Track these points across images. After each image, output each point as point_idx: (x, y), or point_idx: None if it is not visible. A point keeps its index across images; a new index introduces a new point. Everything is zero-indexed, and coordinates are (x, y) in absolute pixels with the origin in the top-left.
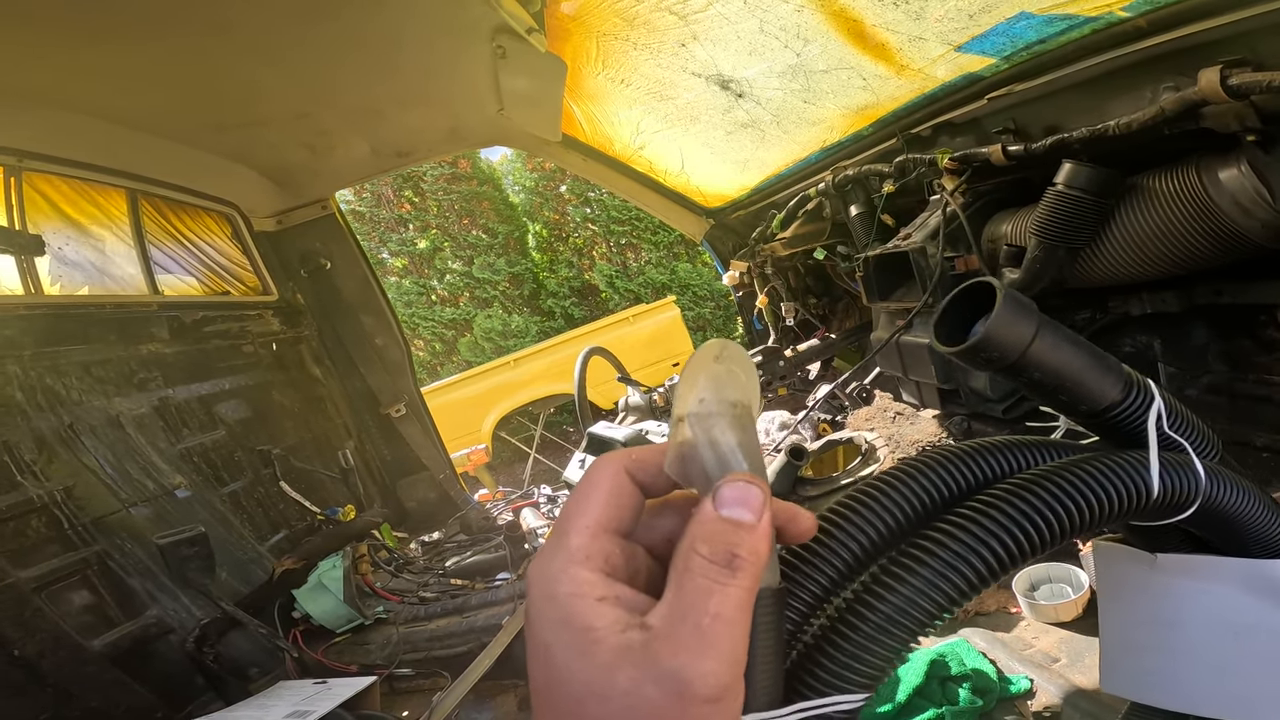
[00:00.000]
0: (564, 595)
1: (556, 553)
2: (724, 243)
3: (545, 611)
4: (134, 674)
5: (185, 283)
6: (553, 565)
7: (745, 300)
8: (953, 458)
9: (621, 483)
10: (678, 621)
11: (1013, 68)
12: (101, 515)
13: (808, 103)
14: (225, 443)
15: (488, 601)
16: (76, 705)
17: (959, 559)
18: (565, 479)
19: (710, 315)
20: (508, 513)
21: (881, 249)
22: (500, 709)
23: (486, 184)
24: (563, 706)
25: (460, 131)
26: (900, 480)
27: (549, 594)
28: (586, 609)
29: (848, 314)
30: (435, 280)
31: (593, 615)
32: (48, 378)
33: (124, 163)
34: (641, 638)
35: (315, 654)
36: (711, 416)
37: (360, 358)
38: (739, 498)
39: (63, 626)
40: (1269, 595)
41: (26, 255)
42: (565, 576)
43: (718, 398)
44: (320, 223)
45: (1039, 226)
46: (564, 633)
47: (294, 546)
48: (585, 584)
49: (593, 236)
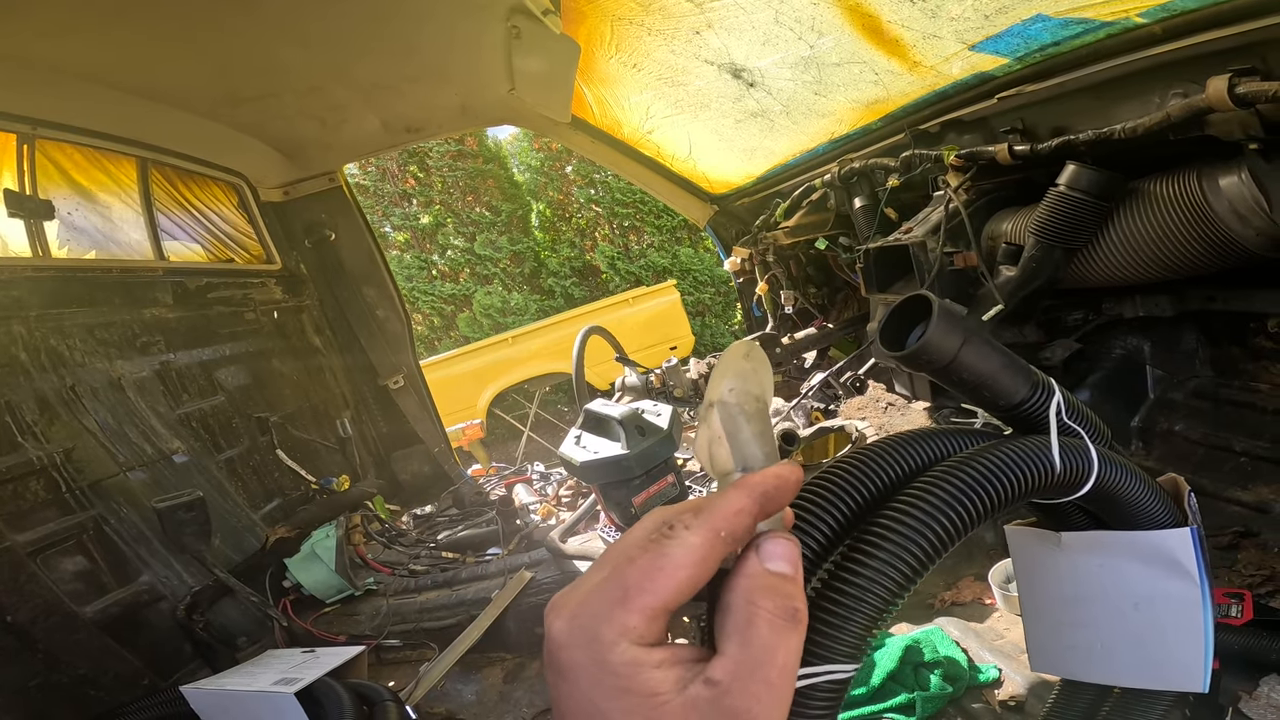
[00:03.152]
0: (621, 664)
1: (611, 622)
2: (727, 229)
3: (599, 679)
4: (123, 641)
5: (191, 250)
6: (606, 632)
7: (745, 287)
8: (897, 445)
9: (708, 567)
10: (747, 677)
11: (1025, 69)
12: (99, 479)
13: (818, 95)
14: (224, 409)
15: (477, 575)
16: (65, 672)
17: (914, 533)
18: (560, 454)
19: (710, 301)
20: (501, 488)
21: (882, 241)
22: (486, 681)
23: (492, 162)
24: None
25: (471, 109)
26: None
27: (600, 660)
28: (648, 677)
29: (846, 305)
30: (436, 255)
31: (655, 682)
32: (52, 338)
33: (136, 132)
34: (709, 694)
35: (304, 623)
36: (737, 405)
37: (361, 329)
38: (781, 553)
39: (56, 592)
40: (1159, 564)
41: (36, 219)
42: (620, 649)
43: (744, 389)
44: (327, 195)
45: (1038, 226)
46: (625, 700)
47: (287, 515)
48: (644, 654)
49: (596, 218)
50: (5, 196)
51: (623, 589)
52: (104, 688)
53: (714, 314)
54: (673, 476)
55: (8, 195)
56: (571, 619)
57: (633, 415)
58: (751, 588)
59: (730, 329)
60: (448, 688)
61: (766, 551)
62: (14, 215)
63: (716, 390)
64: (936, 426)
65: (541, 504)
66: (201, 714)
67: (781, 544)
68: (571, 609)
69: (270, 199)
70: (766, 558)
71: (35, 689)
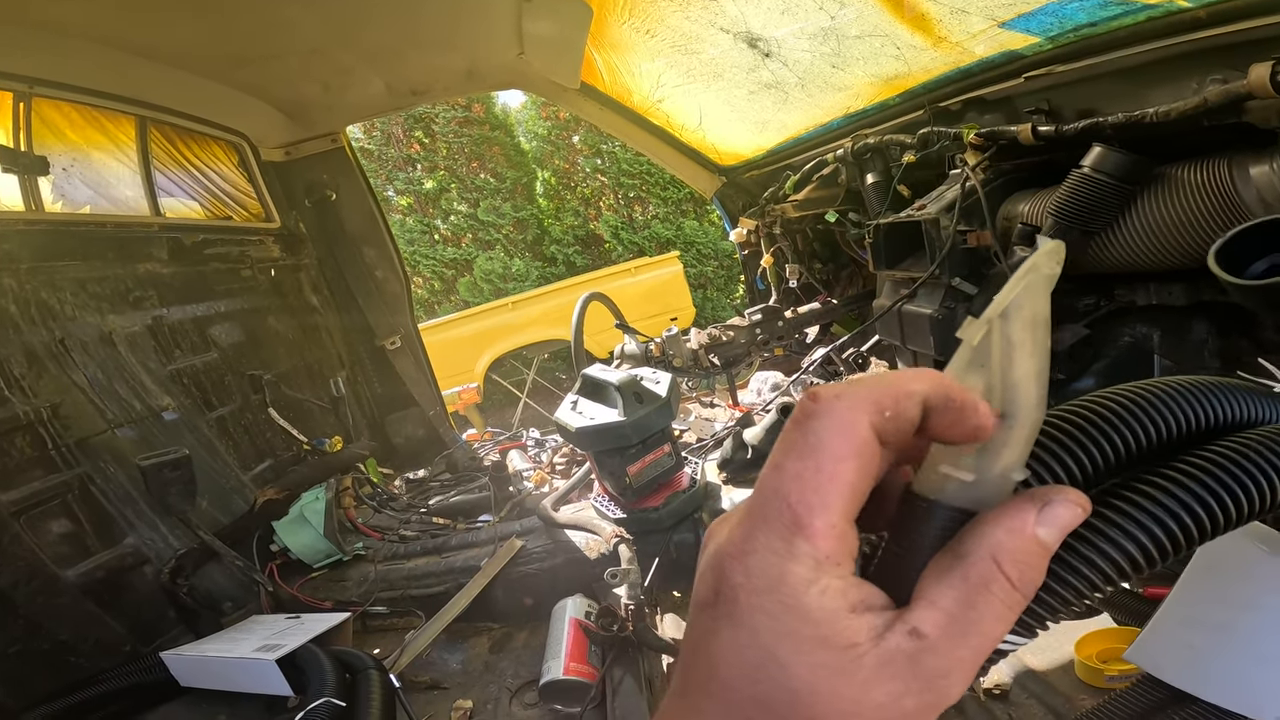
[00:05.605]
0: (819, 609)
1: (796, 556)
2: (734, 201)
3: (792, 628)
4: (106, 606)
5: (188, 207)
6: (795, 569)
7: (749, 259)
8: (1186, 393)
9: (872, 454)
10: (959, 638)
11: (1056, 49)
12: (86, 436)
13: (836, 68)
14: (216, 365)
15: (467, 543)
16: (46, 638)
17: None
18: (556, 420)
19: (713, 274)
20: (495, 453)
21: (894, 217)
22: (472, 650)
23: (499, 129)
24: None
25: (478, 73)
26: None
27: (790, 605)
28: (847, 625)
29: (850, 282)
30: (439, 220)
31: (853, 631)
32: (43, 291)
33: (136, 91)
34: (911, 648)
35: (291, 589)
36: (1024, 330)
37: (359, 289)
38: (1065, 522)
39: (39, 555)
40: None
41: (30, 175)
42: (816, 588)
43: (1035, 309)
44: (329, 155)
45: (1058, 207)
46: (820, 652)
47: (279, 476)
48: (839, 594)
49: (601, 187)
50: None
51: (788, 509)
52: (85, 654)
53: (716, 287)
54: (669, 446)
55: (1, 151)
56: (745, 556)
57: (631, 382)
58: (1007, 546)
59: (732, 302)
60: (433, 656)
61: (1051, 515)
62: (8, 170)
63: (1005, 299)
64: (1226, 380)
65: (535, 471)
66: (182, 680)
67: (1070, 511)
68: (740, 542)
69: (271, 159)
70: (1046, 521)
71: (14, 656)
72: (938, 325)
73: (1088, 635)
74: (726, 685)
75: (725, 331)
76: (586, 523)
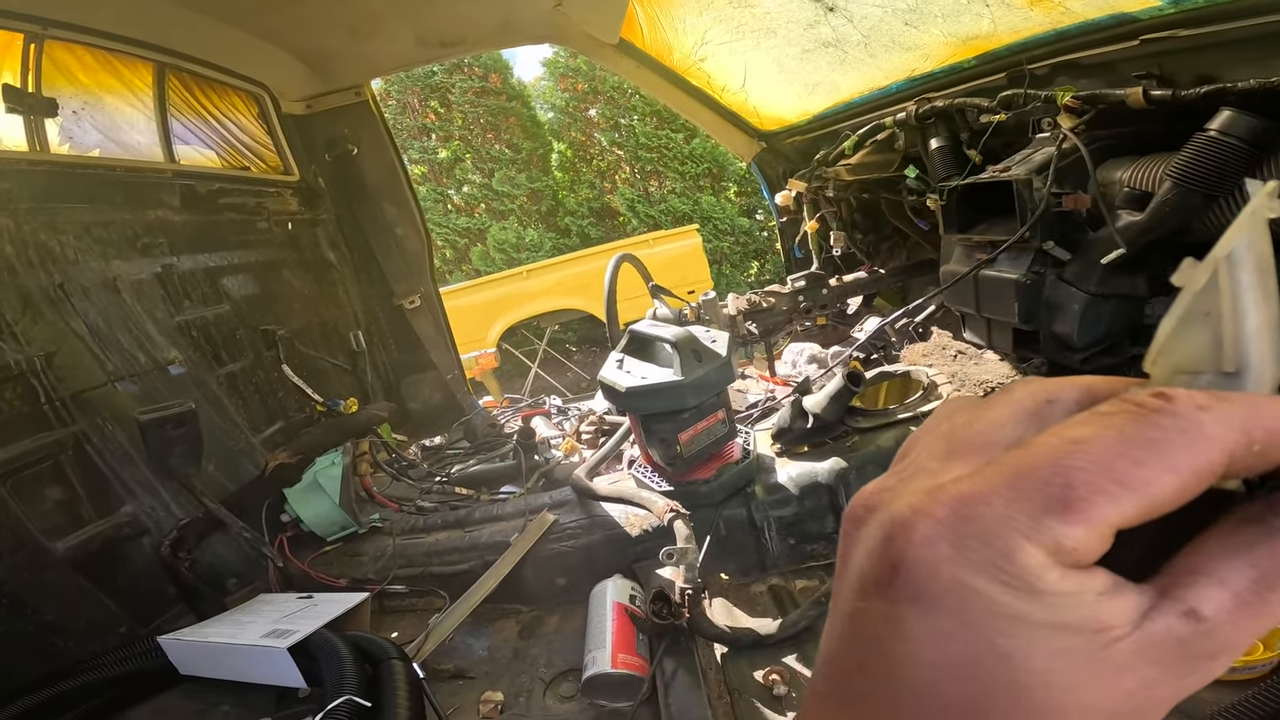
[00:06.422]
0: (1056, 594)
1: (1038, 534)
2: (773, 168)
3: (1020, 611)
4: (99, 582)
5: (204, 156)
6: (1028, 552)
7: (788, 227)
8: None
9: (1205, 482)
10: (1241, 618)
11: (1180, 13)
12: (83, 389)
13: (909, 25)
14: (228, 318)
15: (493, 516)
16: (31, 619)
17: None
18: (601, 379)
19: (728, 250)
20: (516, 420)
21: (976, 179)
22: (499, 635)
23: (515, 100)
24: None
25: (512, 25)
26: None
27: (1020, 585)
28: (1098, 607)
29: (892, 254)
30: (453, 190)
31: (1107, 613)
32: (42, 233)
33: (156, 36)
34: (1186, 631)
35: (301, 564)
36: (1256, 272)
37: (379, 246)
38: None
39: (26, 525)
40: None
41: (36, 115)
42: (1055, 574)
43: (1266, 251)
44: (352, 109)
45: (1180, 169)
46: (1062, 638)
47: (290, 440)
48: (1082, 579)
49: (618, 161)
50: (4, 91)
51: (1063, 486)
52: (74, 636)
53: (731, 263)
54: (724, 413)
55: (6, 90)
56: (957, 525)
57: (689, 338)
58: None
59: (746, 279)
60: (457, 641)
61: None
62: (12, 110)
63: (1230, 241)
64: None
65: (564, 439)
66: (181, 667)
67: None
68: (951, 509)
69: (292, 111)
70: None
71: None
72: (1025, 290)
73: None
74: (917, 689)
75: (766, 298)
76: (632, 495)
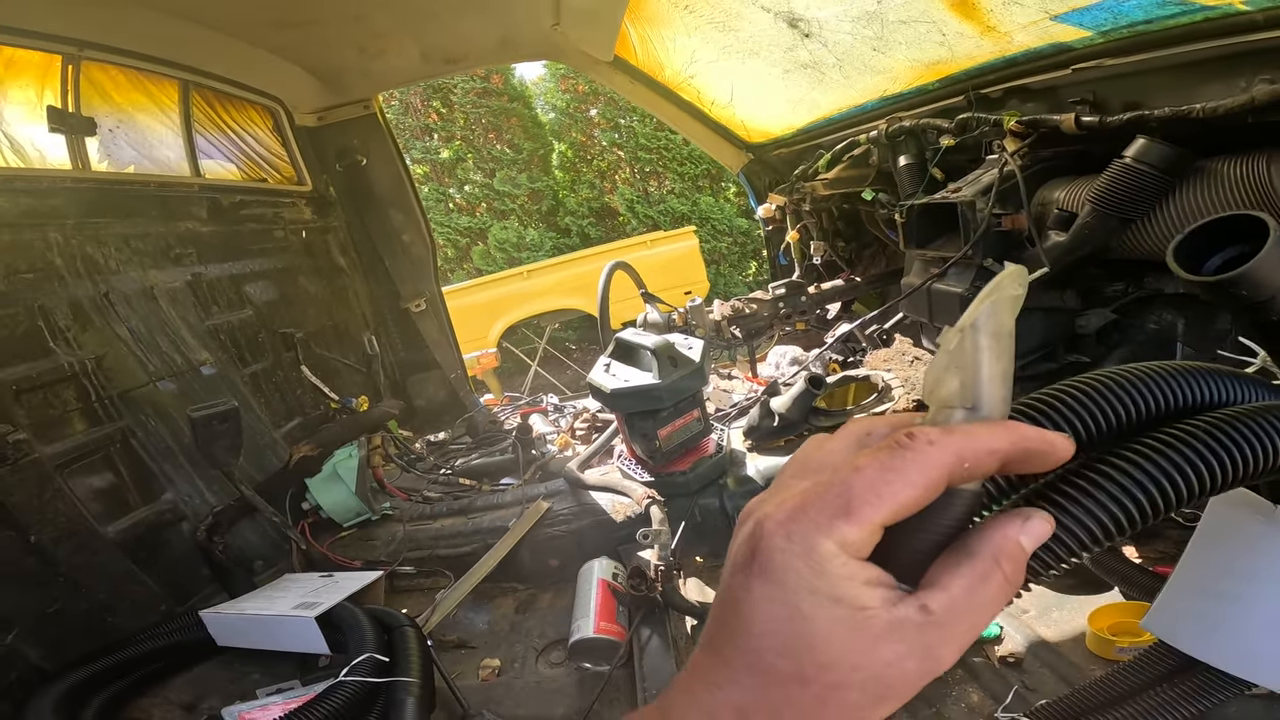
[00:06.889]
0: (838, 575)
1: (831, 533)
2: (760, 178)
3: (813, 586)
4: (143, 564)
5: (226, 169)
6: (824, 543)
7: (773, 235)
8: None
9: (936, 492)
10: (958, 618)
11: (1107, 43)
12: (129, 389)
13: (877, 51)
14: (251, 322)
15: (493, 504)
16: (84, 599)
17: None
18: (589, 381)
19: (726, 250)
20: (515, 417)
21: (929, 199)
22: (498, 610)
23: (517, 101)
24: (800, 669)
25: (511, 42)
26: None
27: (817, 568)
28: (859, 591)
29: (872, 261)
30: (454, 189)
31: (865, 596)
32: (88, 246)
33: (180, 55)
34: (919, 620)
35: (321, 547)
36: (990, 338)
37: (386, 251)
38: (1038, 535)
39: (81, 510)
40: None
41: (77, 135)
42: (839, 560)
43: (1001, 322)
44: (361, 121)
45: (1098, 194)
46: (835, 609)
47: (307, 434)
48: (857, 568)
49: (618, 161)
50: (49, 113)
51: (845, 498)
52: (121, 614)
53: (729, 263)
54: (699, 411)
55: (51, 111)
56: (788, 524)
57: (666, 345)
58: (1003, 548)
59: (745, 279)
60: (460, 616)
61: (1032, 529)
62: (55, 130)
63: (973, 314)
64: (1199, 364)
65: (559, 434)
66: (219, 639)
67: (1044, 527)
68: (787, 513)
69: (304, 123)
70: (1028, 532)
71: (52, 616)
72: (966, 304)
73: (1100, 609)
74: (753, 635)
75: (748, 304)
76: (616, 484)
